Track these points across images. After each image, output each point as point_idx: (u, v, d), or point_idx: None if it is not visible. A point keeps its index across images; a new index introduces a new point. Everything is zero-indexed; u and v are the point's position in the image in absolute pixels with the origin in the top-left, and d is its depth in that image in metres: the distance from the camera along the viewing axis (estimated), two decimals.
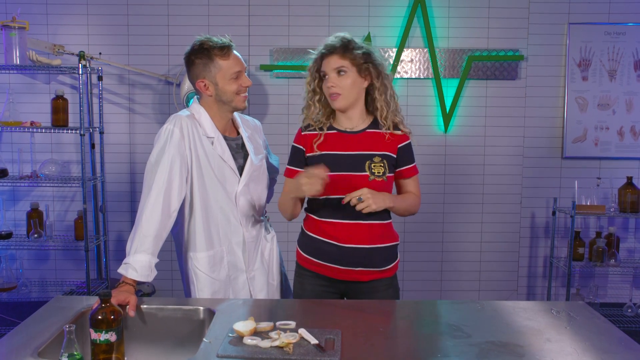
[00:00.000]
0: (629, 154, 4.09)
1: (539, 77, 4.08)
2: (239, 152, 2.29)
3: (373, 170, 2.16)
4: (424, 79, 4.05)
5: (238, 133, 2.33)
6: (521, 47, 4.04)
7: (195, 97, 2.32)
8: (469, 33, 4.04)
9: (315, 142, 2.21)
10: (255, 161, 2.29)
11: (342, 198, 2.10)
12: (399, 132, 2.23)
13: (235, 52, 2.21)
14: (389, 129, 2.22)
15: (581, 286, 4.10)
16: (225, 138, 2.24)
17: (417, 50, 4.02)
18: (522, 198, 4.16)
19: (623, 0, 4.01)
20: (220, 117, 2.24)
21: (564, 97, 4.07)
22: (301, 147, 2.26)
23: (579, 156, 4.10)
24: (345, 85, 2.15)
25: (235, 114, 2.34)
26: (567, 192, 4.09)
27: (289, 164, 2.30)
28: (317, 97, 2.23)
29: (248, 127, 2.39)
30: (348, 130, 2.23)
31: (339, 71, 2.15)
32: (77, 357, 1.47)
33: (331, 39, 2.19)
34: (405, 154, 2.25)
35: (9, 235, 3.70)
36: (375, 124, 2.24)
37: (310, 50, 2.29)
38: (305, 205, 2.32)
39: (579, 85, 4.06)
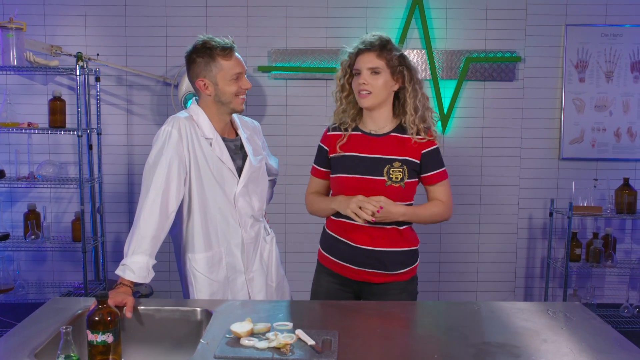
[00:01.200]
0: (626, 155, 4.10)
1: (537, 78, 4.09)
2: (238, 153, 2.29)
3: (391, 176, 2.15)
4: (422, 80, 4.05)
5: (237, 134, 2.33)
6: (519, 49, 4.05)
7: (194, 98, 2.32)
8: (467, 34, 4.04)
9: (339, 143, 2.23)
10: (254, 162, 2.29)
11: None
12: (424, 138, 2.20)
13: (237, 53, 2.21)
14: (414, 134, 2.19)
15: (578, 287, 4.10)
16: (223, 139, 2.24)
17: (415, 52, 4.02)
18: (519, 199, 4.17)
19: (620, 2, 4.02)
20: (218, 119, 2.24)
21: (561, 98, 4.08)
22: (325, 147, 2.28)
23: (576, 157, 4.11)
24: (377, 85, 2.14)
25: (234, 115, 2.34)
26: (564, 193, 4.10)
27: (314, 162, 2.35)
28: (344, 94, 2.24)
29: (247, 128, 2.39)
30: (373, 132, 2.22)
31: (374, 70, 2.14)
32: (74, 358, 1.47)
33: (369, 37, 2.18)
34: (431, 160, 2.21)
35: (6, 237, 3.70)
36: (400, 127, 2.22)
37: (345, 46, 2.27)
38: None
39: (576, 86, 4.07)
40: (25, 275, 4.00)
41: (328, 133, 2.29)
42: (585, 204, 3.86)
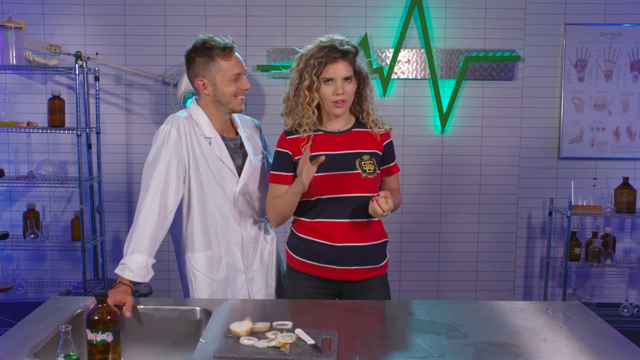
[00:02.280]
0: (625, 154, 4.10)
1: (536, 77, 4.09)
2: (238, 152, 2.28)
3: (364, 168, 2.17)
4: (421, 79, 4.06)
5: (237, 133, 2.33)
6: (518, 48, 4.05)
7: (194, 97, 2.32)
8: (466, 34, 4.04)
9: (304, 146, 2.16)
10: (254, 161, 2.29)
11: (335, 197, 2.14)
12: (382, 130, 2.26)
13: (236, 54, 2.21)
14: (373, 128, 2.25)
15: (577, 286, 4.11)
16: (223, 138, 2.24)
17: (414, 51, 4.02)
18: (518, 198, 4.17)
19: (619, 1, 4.03)
20: (217, 118, 2.24)
21: (561, 97, 4.08)
22: (287, 151, 2.21)
23: (575, 156, 4.11)
24: (351, 92, 2.16)
25: (234, 114, 2.33)
26: (564, 193, 4.10)
27: (273, 169, 2.23)
28: (315, 103, 2.16)
29: (247, 127, 2.39)
30: (335, 131, 2.23)
31: (346, 78, 2.14)
32: (74, 357, 1.47)
33: (341, 44, 2.12)
34: (390, 151, 2.29)
35: (5, 236, 3.69)
36: (359, 123, 2.27)
37: (298, 49, 2.24)
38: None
39: (575, 85, 4.07)
40: (25, 274, 4.00)
41: (287, 137, 2.22)
42: (584, 204, 3.86)
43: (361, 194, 2.17)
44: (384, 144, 2.26)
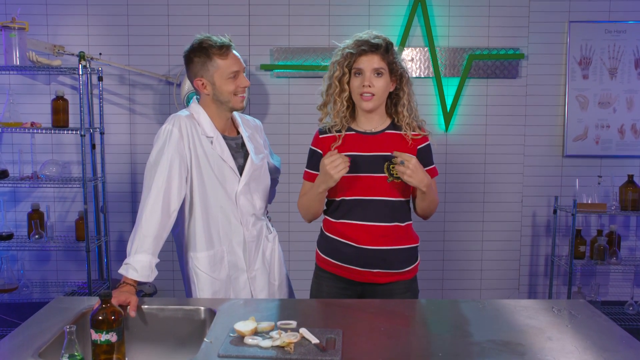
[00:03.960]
0: (630, 152, 4.09)
1: (540, 75, 4.07)
2: (239, 152, 2.28)
3: (392, 172, 2.14)
4: (425, 77, 4.05)
5: (238, 133, 2.33)
6: (522, 46, 4.04)
7: (195, 97, 2.32)
8: (470, 32, 4.03)
9: (334, 145, 2.17)
10: (255, 161, 2.29)
11: (360, 199, 2.13)
12: (419, 134, 2.21)
13: (234, 52, 2.20)
14: (408, 132, 2.19)
15: (582, 284, 4.09)
16: (224, 138, 2.24)
17: (417, 49, 4.01)
18: (523, 196, 4.16)
19: None
20: (219, 117, 2.24)
21: (565, 95, 4.07)
22: (319, 150, 2.23)
23: (580, 154, 4.10)
24: (380, 87, 2.13)
25: (235, 113, 2.33)
26: (568, 191, 4.08)
27: (307, 167, 2.27)
28: (345, 95, 2.17)
29: (248, 126, 2.39)
30: (367, 131, 2.21)
31: (377, 72, 2.13)
32: (78, 357, 1.47)
33: (371, 37, 2.13)
34: (425, 156, 2.23)
35: (9, 236, 3.70)
36: (393, 125, 2.22)
37: (336, 43, 2.23)
38: (324, 207, 2.29)
39: (580, 83, 4.05)
40: (29, 274, 4.01)
41: (320, 136, 2.24)
42: (589, 201, 3.85)
43: (387, 197, 2.15)
44: (418, 147, 2.21)
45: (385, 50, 2.13)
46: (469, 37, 4.03)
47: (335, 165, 2.01)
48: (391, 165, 2.13)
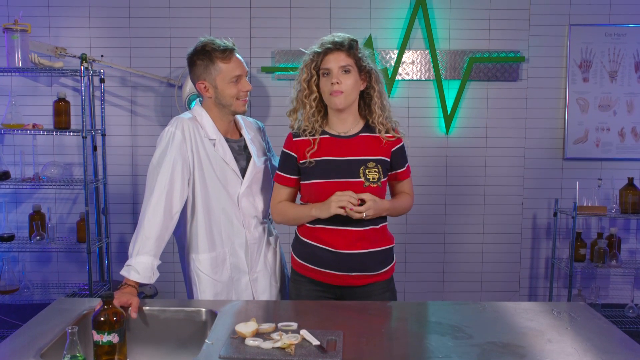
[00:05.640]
0: (630, 155, 4.09)
1: (540, 78, 4.08)
2: (242, 154, 2.29)
3: (368, 177, 2.13)
4: (425, 80, 4.06)
5: (241, 135, 2.34)
6: (522, 49, 4.05)
7: (198, 99, 2.33)
8: (470, 35, 4.04)
9: (309, 151, 2.17)
10: (258, 163, 2.30)
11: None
12: (393, 136, 2.22)
13: (237, 55, 2.21)
14: (382, 133, 2.20)
15: (583, 287, 4.10)
16: (227, 140, 2.25)
17: (418, 52, 4.02)
18: (523, 199, 4.16)
19: (624, 2, 4.02)
20: (221, 120, 2.25)
21: (565, 98, 4.08)
22: (293, 153, 2.21)
23: (580, 157, 4.10)
24: (349, 84, 2.13)
25: (238, 115, 2.34)
26: (569, 193, 4.09)
27: (280, 170, 2.25)
28: (313, 96, 2.17)
29: (251, 129, 2.39)
30: (342, 134, 2.20)
31: (344, 69, 2.13)
32: (80, 358, 1.48)
33: (336, 37, 2.15)
34: (400, 157, 2.24)
35: (11, 238, 3.71)
36: (367, 127, 2.22)
37: (303, 50, 2.25)
38: None
39: (580, 86, 4.06)
40: (31, 276, 4.01)
41: (294, 140, 2.22)
42: (589, 204, 3.86)
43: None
44: (392, 149, 2.21)
45: (349, 47, 2.14)
46: (470, 40, 4.04)
47: (341, 201, 2.04)
48: (367, 170, 2.14)
